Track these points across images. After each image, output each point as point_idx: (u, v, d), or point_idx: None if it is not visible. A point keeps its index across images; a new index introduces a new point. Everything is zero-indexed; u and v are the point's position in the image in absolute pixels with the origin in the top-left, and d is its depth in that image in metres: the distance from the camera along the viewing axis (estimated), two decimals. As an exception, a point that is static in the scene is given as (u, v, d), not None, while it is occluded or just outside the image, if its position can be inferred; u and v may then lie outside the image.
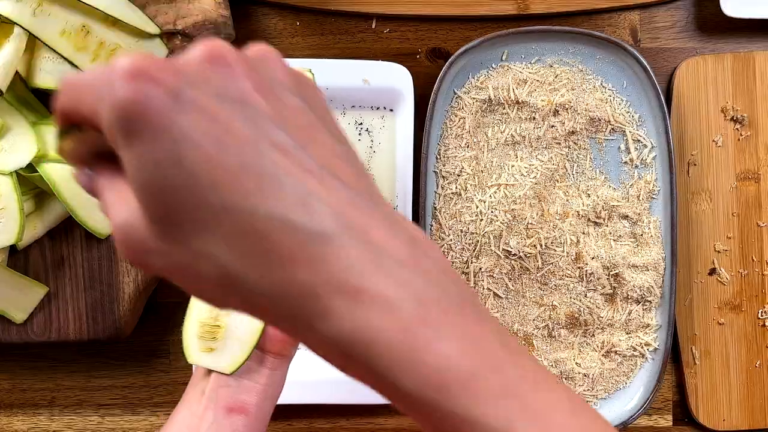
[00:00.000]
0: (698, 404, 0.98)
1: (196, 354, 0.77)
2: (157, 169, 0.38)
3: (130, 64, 0.37)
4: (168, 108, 0.37)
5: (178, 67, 0.38)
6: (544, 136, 0.95)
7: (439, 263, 0.42)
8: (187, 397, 0.78)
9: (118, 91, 0.37)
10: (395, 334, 0.39)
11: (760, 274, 0.98)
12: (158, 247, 0.40)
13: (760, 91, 0.97)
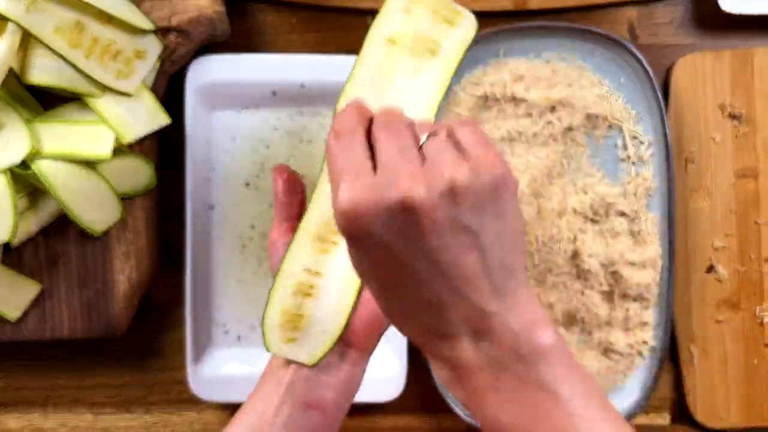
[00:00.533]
0: (696, 402, 0.99)
1: (276, 344, 0.75)
2: (358, 267, 0.59)
3: (348, 204, 0.54)
4: (362, 238, 0.55)
5: (378, 212, 0.53)
6: (540, 132, 0.96)
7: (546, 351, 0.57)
8: (262, 387, 0.75)
9: (339, 221, 0.55)
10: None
11: (758, 272, 0.98)
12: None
13: (759, 88, 0.98)
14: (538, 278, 0.96)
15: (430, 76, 0.72)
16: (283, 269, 0.74)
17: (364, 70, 0.71)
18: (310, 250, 0.74)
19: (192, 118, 0.95)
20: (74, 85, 0.87)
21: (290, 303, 0.75)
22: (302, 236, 0.74)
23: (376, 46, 0.71)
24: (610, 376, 0.98)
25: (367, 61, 0.71)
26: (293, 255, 0.74)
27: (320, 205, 0.74)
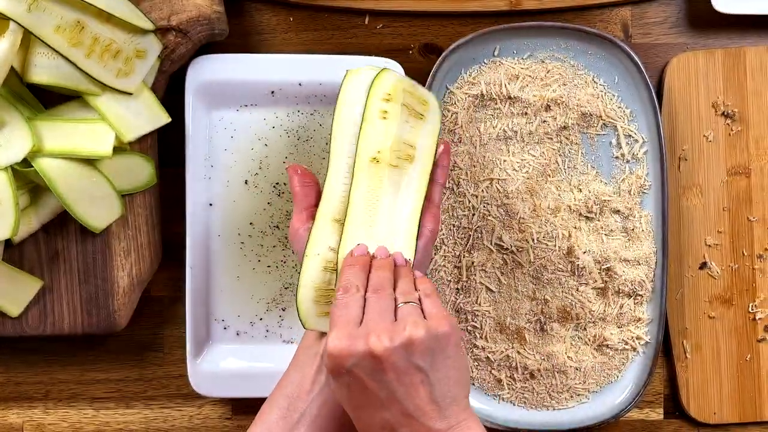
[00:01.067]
0: (689, 398, 1.01)
1: (313, 318, 0.81)
2: (336, 389, 0.75)
3: (332, 349, 0.72)
4: (341, 373, 0.73)
5: (353, 355, 0.71)
6: (536, 131, 0.98)
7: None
8: (298, 360, 0.83)
9: (325, 360, 0.74)
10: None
11: (750, 268, 1.00)
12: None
13: (751, 87, 1.00)
14: (533, 275, 0.98)
15: (410, 192, 0.84)
16: (310, 250, 0.82)
17: (357, 198, 0.82)
18: (331, 230, 0.82)
19: (191, 116, 0.97)
20: (75, 84, 0.89)
21: (320, 279, 0.81)
22: (322, 220, 0.83)
23: (363, 169, 0.83)
24: (604, 371, 1.00)
25: (359, 187, 0.82)
26: (317, 237, 0.82)
27: (332, 192, 0.83)
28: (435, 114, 0.87)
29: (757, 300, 1.01)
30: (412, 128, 0.85)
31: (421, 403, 0.73)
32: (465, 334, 0.96)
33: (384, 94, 0.84)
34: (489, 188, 0.97)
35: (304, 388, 0.81)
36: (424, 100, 0.86)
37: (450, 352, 0.74)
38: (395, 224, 0.83)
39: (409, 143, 0.84)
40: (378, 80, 0.85)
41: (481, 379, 1.00)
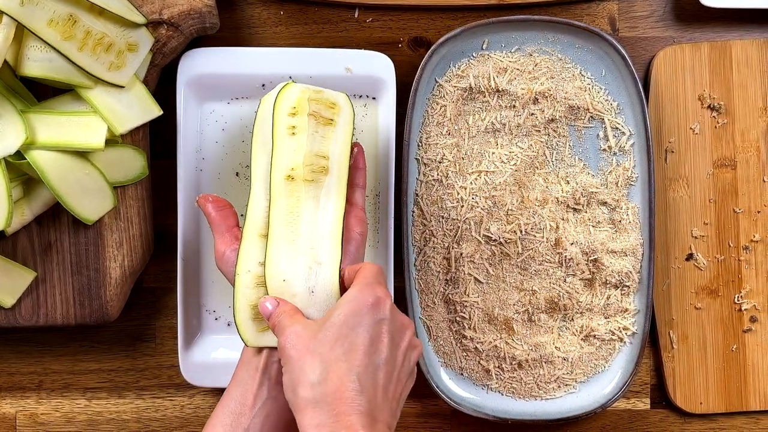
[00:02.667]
0: (676, 388, 1.04)
1: (253, 336, 0.85)
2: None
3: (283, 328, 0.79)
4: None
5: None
6: (524, 123, 1.00)
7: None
8: (238, 376, 0.85)
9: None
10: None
11: (736, 260, 1.03)
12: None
13: (737, 80, 1.03)
14: (521, 266, 1.00)
15: (329, 203, 0.86)
16: (240, 268, 0.84)
17: (276, 217, 0.84)
18: (259, 246, 0.85)
19: (183, 109, 0.99)
20: (67, 77, 0.91)
21: (254, 295, 0.84)
22: (248, 237, 0.85)
23: (279, 188, 0.85)
24: (591, 361, 1.02)
25: (277, 206, 0.85)
26: (245, 254, 0.85)
27: (256, 209, 0.87)
28: (346, 114, 0.89)
29: (742, 291, 1.04)
30: (323, 138, 0.87)
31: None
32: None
33: (289, 109, 0.86)
34: (477, 180, 1.00)
35: (246, 403, 0.83)
36: (332, 103, 0.88)
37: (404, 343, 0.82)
38: (318, 236, 0.85)
39: (321, 155, 0.86)
40: (281, 95, 0.87)
41: (469, 369, 1.02)
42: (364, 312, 0.77)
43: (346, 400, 0.73)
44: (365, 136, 1.01)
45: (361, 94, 1.01)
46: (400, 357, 0.79)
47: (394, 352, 0.78)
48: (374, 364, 0.76)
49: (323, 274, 0.84)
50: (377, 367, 0.76)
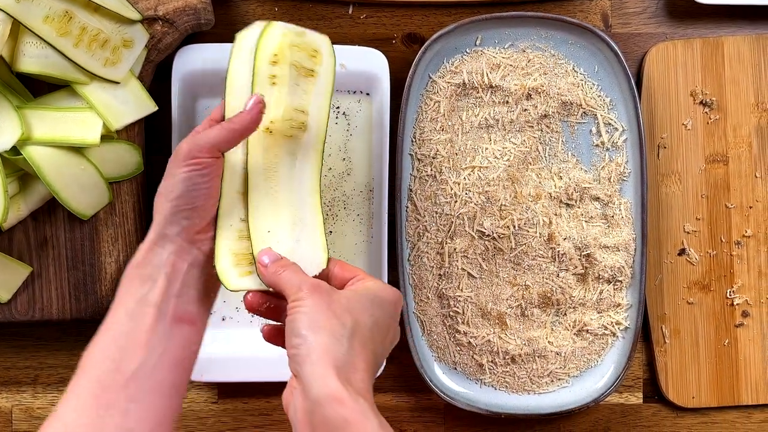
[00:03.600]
0: (668, 382, 1.06)
1: (235, 280, 0.83)
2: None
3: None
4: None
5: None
6: (517, 119, 1.02)
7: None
8: (126, 304, 0.80)
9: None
10: None
11: (728, 255, 1.05)
12: None
13: (729, 76, 1.05)
14: (514, 261, 1.02)
15: (306, 164, 0.87)
16: (223, 221, 0.85)
17: (255, 170, 0.85)
18: (239, 202, 0.85)
19: (178, 105, 1.01)
20: (63, 73, 0.92)
21: (237, 246, 0.84)
22: (227, 193, 0.85)
23: (257, 139, 0.85)
24: (584, 356, 1.04)
25: (254, 159, 0.85)
26: (226, 210, 0.85)
27: (233, 164, 0.85)
28: (327, 65, 0.88)
29: (734, 286, 1.06)
30: (303, 92, 0.86)
31: None
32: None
33: (271, 56, 0.85)
34: (471, 176, 1.02)
35: (138, 339, 0.78)
36: (314, 50, 0.87)
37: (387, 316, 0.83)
38: (298, 195, 0.86)
39: (301, 109, 0.86)
40: (263, 39, 0.85)
41: (463, 364, 1.04)
42: (391, 302, 0.80)
43: (364, 367, 0.74)
44: (359, 131, 1.03)
45: (355, 90, 1.03)
46: (385, 356, 0.82)
47: (389, 347, 0.82)
48: (384, 348, 0.79)
49: (308, 230, 0.86)
50: (385, 351, 0.80)
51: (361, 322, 0.75)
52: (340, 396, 0.70)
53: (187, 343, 0.81)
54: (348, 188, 1.03)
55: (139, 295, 0.79)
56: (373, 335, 0.76)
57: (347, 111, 1.03)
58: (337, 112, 1.03)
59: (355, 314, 0.76)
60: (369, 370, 0.74)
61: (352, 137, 1.03)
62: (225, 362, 1.03)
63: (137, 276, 0.80)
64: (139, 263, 0.81)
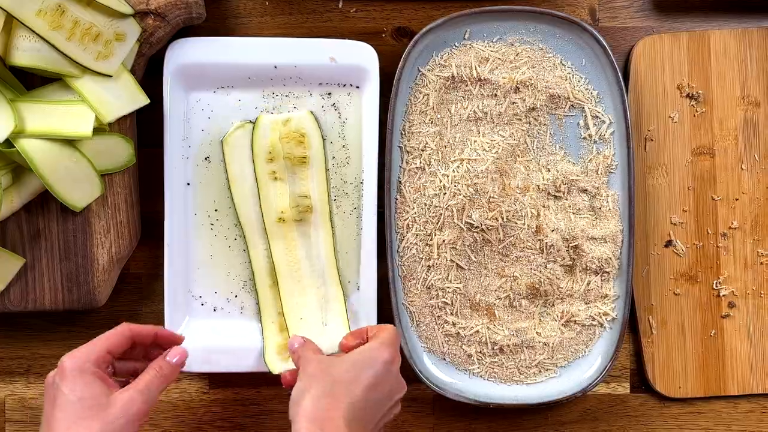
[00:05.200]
0: (655, 372, 1.09)
1: (279, 365, 1.04)
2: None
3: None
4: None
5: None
6: (505, 112, 1.05)
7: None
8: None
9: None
10: None
11: (714, 246, 1.09)
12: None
13: (715, 69, 1.08)
14: (502, 252, 1.06)
15: (318, 239, 1.06)
16: (266, 320, 1.06)
17: (279, 260, 1.06)
18: (270, 296, 1.06)
19: (170, 98, 1.04)
20: (56, 66, 0.95)
21: (279, 339, 1.06)
22: (262, 290, 1.06)
23: (274, 230, 1.05)
24: (572, 346, 1.08)
25: (277, 249, 1.06)
26: (265, 307, 1.06)
27: (257, 261, 1.06)
28: (315, 143, 1.05)
29: (721, 277, 1.09)
30: (302, 180, 1.04)
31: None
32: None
33: (266, 155, 1.04)
34: (459, 168, 1.05)
35: None
36: (300, 134, 1.04)
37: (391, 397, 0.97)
38: (318, 272, 1.06)
39: (303, 195, 1.05)
40: (256, 140, 1.04)
41: (452, 354, 1.07)
42: (379, 361, 0.92)
43: (336, 416, 0.87)
44: (349, 123, 1.06)
45: (345, 83, 1.06)
46: (387, 407, 0.94)
47: (386, 401, 0.94)
48: (367, 400, 0.90)
49: (332, 310, 1.06)
50: (368, 403, 0.91)
51: (338, 380, 0.90)
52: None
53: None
54: (338, 181, 1.06)
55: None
56: (350, 391, 0.89)
57: (337, 104, 1.06)
58: (328, 104, 1.06)
59: (336, 376, 0.90)
60: (345, 417, 0.87)
61: (343, 130, 1.06)
62: (216, 353, 1.05)
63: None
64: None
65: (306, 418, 0.86)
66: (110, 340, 0.90)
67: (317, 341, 1.01)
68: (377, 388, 0.91)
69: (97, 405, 0.85)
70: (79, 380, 0.85)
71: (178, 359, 0.94)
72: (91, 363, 0.87)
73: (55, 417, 0.84)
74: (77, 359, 0.87)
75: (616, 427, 1.11)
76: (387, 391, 0.93)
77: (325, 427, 0.86)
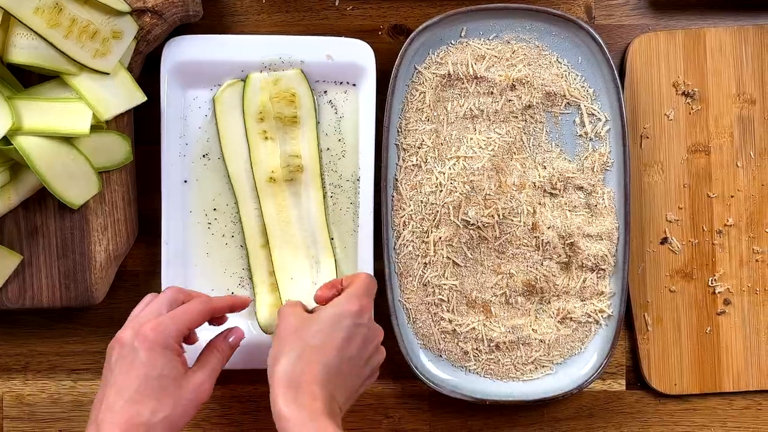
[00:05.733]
0: (650, 369, 1.10)
1: (272, 326, 1.06)
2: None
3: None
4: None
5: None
6: (501, 110, 1.06)
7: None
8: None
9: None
10: None
11: (710, 243, 1.10)
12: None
13: (711, 67, 1.09)
14: (498, 249, 1.07)
15: (309, 200, 1.07)
16: (258, 279, 1.07)
17: (270, 220, 1.07)
18: (262, 256, 1.07)
19: (167, 96, 1.05)
20: (53, 64, 0.96)
21: (271, 299, 1.07)
22: (253, 251, 1.07)
23: (264, 189, 1.06)
24: (567, 343, 1.09)
25: (267, 209, 1.07)
26: (256, 269, 1.07)
27: (248, 220, 1.07)
28: (306, 102, 1.05)
29: (716, 274, 1.10)
30: (292, 139, 1.05)
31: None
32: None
33: (257, 114, 1.05)
34: (456, 165, 1.06)
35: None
36: (291, 94, 1.04)
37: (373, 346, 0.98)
38: (309, 232, 1.07)
39: (294, 154, 1.05)
40: (246, 99, 1.05)
41: (448, 351, 1.09)
42: (347, 317, 0.93)
43: (310, 380, 0.87)
44: (346, 121, 1.07)
45: (342, 81, 1.07)
46: (365, 357, 0.95)
47: (362, 352, 0.94)
48: (341, 357, 0.91)
49: (323, 270, 1.06)
50: (343, 361, 0.91)
51: (309, 344, 0.90)
52: (282, 414, 0.85)
53: None
54: (334, 176, 1.07)
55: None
56: (321, 353, 0.90)
57: (334, 101, 1.07)
58: (325, 102, 1.07)
59: (306, 339, 0.91)
60: (320, 381, 0.88)
61: (339, 127, 1.07)
62: (213, 350, 1.06)
63: None
64: None
65: (280, 384, 0.87)
66: (192, 317, 0.92)
67: (308, 301, 1.01)
68: (350, 344, 0.92)
69: (173, 383, 0.88)
70: (161, 356, 0.88)
71: (235, 339, 0.98)
72: (173, 339, 0.89)
73: (128, 381, 0.86)
74: (161, 333, 0.88)
75: (612, 424, 1.12)
76: (360, 344, 0.94)
77: (300, 393, 0.86)
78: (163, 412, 0.86)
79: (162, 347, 0.88)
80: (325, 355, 0.90)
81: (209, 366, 0.93)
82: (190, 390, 0.89)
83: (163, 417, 0.86)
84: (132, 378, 0.86)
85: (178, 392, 0.88)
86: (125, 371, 0.87)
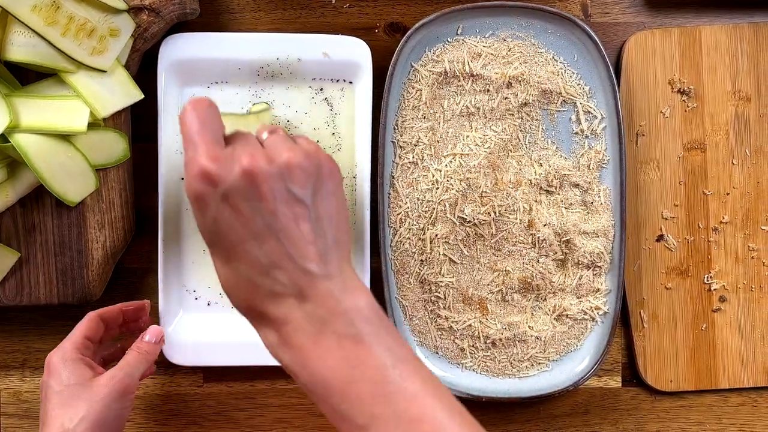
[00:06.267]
0: (646, 366, 1.11)
1: None
2: (205, 227, 0.73)
3: (205, 165, 0.69)
4: (216, 201, 0.70)
5: (228, 175, 0.69)
6: (497, 107, 1.08)
7: (363, 310, 0.74)
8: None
9: (193, 179, 0.70)
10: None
11: (705, 241, 1.11)
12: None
13: (706, 64, 1.10)
14: (495, 247, 1.08)
15: None
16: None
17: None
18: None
19: (164, 93, 1.06)
20: (51, 62, 0.97)
21: None
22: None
23: None
24: (564, 340, 1.10)
25: None
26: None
27: None
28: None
29: (712, 271, 1.11)
30: None
31: (301, 240, 0.71)
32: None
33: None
34: (452, 163, 1.07)
35: None
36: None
37: (332, 189, 0.75)
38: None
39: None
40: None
41: (444, 348, 1.10)
42: (195, 199, 0.72)
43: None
44: (342, 119, 1.08)
45: (338, 79, 1.08)
46: (307, 199, 0.73)
47: (285, 206, 0.72)
48: (216, 223, 0.72)
49: None
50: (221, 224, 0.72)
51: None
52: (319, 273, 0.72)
53: None
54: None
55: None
56: (244, 269, 0.73)
57: (330, 99, 1.08)
58: (320, 100, 1.08)
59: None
60: (335, 247, 0.74)
61: (336, 125, 1.08)
62: (210, 346, 1.07)
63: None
64: None
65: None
66: (84, 327, 0.96)
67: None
68: (245, 224, 0.71)
69: (81, 386, 0.90)
70: (64, 370, 0.91)
71: (152, 337, 0.98)
72: (72, 351, 0.93)
73: (47, 411, 0.89)
74: (59, 352, 0.93)
75: (608, 421, 1.13)
76: (255, 209, 0.71)
77: (327, 260, 0.73)
78: (78, 415, 0.88)
79: (62, 362, 0.92)
80: (243, 267, 0.73)
81: (123, 362, 0.95)
82: (102, 385, 0.91)
83: (80, 419, 0.88)
84: (48, 407, 0.90)
85: (89, 393, 0.90)
86: (44, 406, 0.91)
